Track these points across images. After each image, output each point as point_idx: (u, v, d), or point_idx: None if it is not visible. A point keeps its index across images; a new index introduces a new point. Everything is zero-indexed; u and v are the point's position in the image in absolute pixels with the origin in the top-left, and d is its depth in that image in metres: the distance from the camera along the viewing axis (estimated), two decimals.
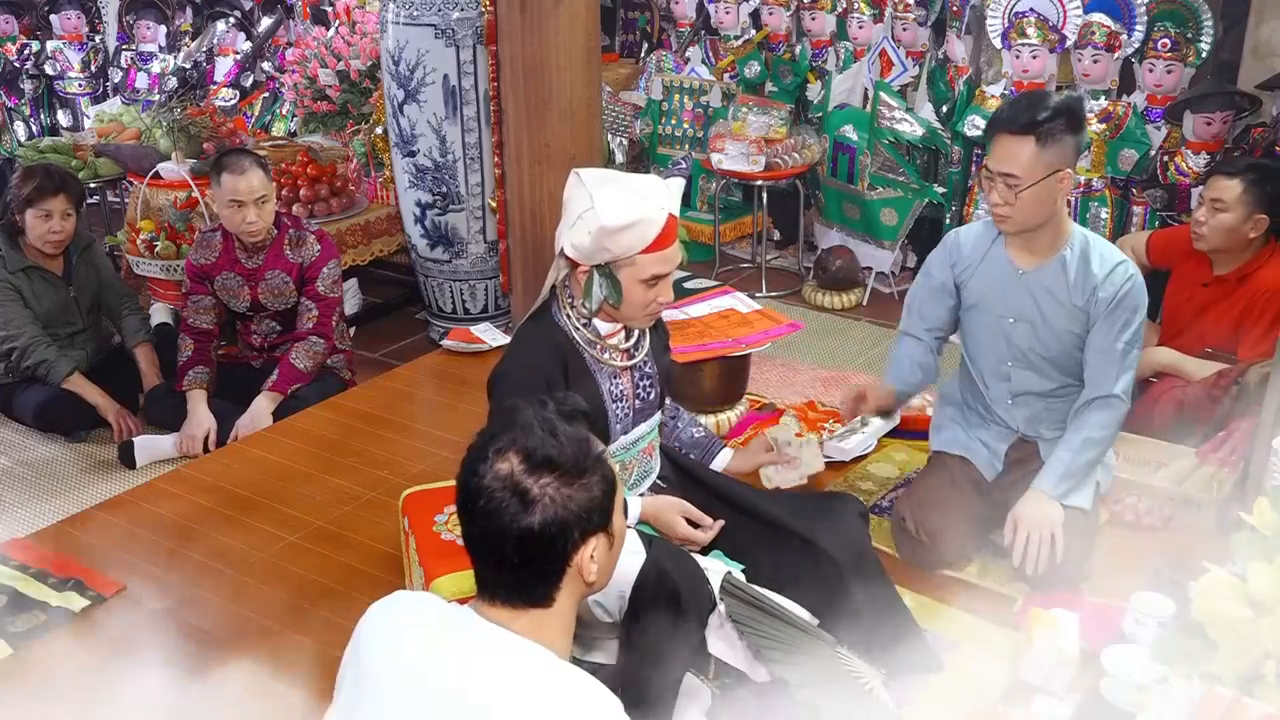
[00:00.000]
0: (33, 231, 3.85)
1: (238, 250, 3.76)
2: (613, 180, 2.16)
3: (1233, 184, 3.25)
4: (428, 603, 1.49)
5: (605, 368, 2.27)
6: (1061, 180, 2.52)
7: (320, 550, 2.83)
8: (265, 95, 6.23)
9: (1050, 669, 2.27)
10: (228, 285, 3.79)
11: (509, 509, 1.38)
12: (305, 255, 3.77)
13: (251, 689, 2.27)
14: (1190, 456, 3.04)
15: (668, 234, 2.17)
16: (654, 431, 2.43)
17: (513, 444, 1.40)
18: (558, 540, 1.39)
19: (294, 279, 3.79)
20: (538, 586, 1.42)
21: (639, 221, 2.11)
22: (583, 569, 1.43)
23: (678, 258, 2.23)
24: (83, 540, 2.89)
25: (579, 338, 2.25)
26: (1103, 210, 4.30)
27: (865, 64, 5.08)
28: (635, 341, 2.35)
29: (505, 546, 1.39)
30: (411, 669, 1.38)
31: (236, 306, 3.83)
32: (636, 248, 2.14)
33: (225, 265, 3.77)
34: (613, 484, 1.45)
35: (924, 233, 4.96)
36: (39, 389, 3.84)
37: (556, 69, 3.61)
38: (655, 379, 2.38)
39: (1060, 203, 2.57)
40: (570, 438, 1.42)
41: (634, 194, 2.13)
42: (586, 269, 2.18)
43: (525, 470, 1.38)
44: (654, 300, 2.22)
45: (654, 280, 2.19)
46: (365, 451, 3.32)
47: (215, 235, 3.80)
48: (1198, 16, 4.10)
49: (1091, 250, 2.60)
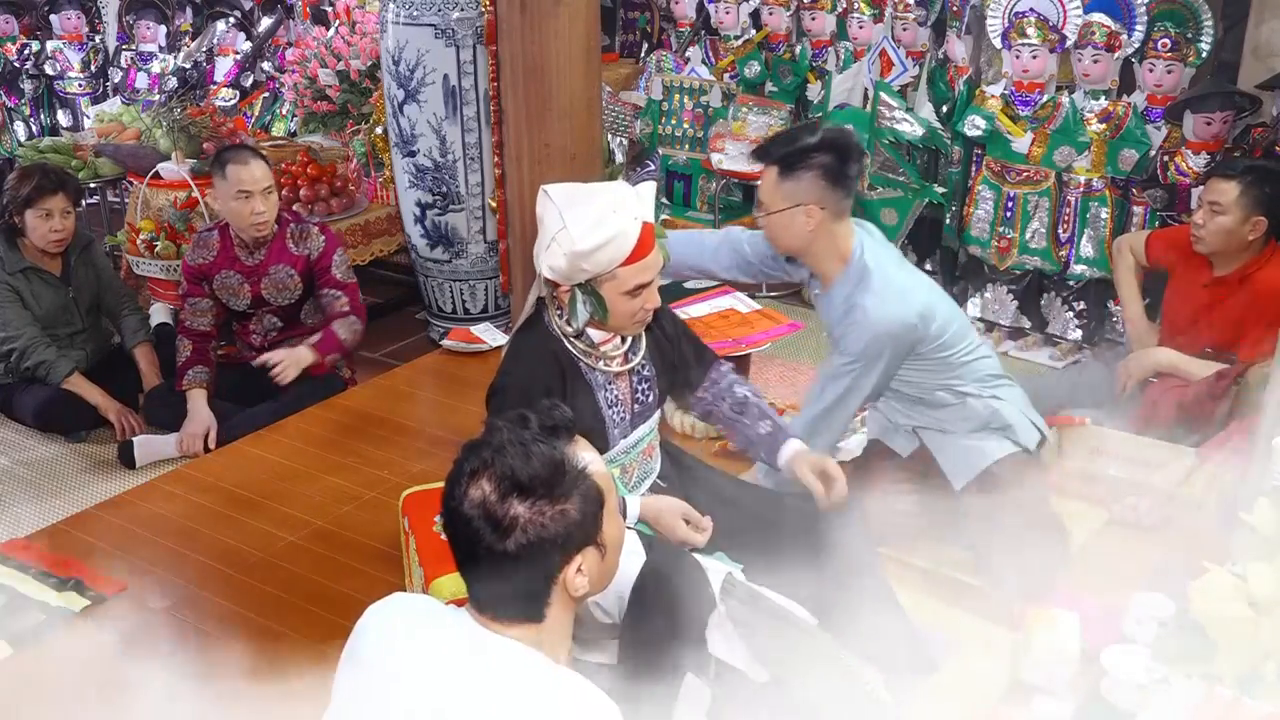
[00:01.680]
0: (34, 232, 3.84)
1: (237, 248, 3.75)
2: (582, 197, 2.12)
3: (1230, 186, 3.25)
4: (424, 605, 1.49)
5: (601, 375, 2.26)
6: (808, 215, 2.50)
7: (320, 550, 2.83)
8: (265, 95, 6.23)
9: (1050, 669, 2.27)
10: (228, 284, 3.77)
11: (484, 535, 1.37)
12: (312, 247, 3.77)
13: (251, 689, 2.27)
14: (1190, 456, 3.04)
15: (645, 243, 2.14)
16: (653, 433, 2.42)
17: (485, 467, 1.38)
18: (537, 563, 1.38)
19: (300, 271, 3.78)
20: (525, 604, 1.41)
21: (613, 238, 2.08)
22: (569, 585, 1.41)
23: (659, 263, 2.20)
24: (83, 540, 2.89)
25: (573, 348, 2.23)
26: (1103, 210, 4.30)
27: (865, 64, 5.08)
28: (631, 345, 2.33)
29: (487, 568, 1.39)
30: (408, 671, 1.38)
31: (237, 305, 3.82)
32: (615, 262, 2.11)
33: (224, 264, 3.76)
34: (597, 500, 1.43)
35: (924, 233, 4.96)
36: (39, 389, 3.84)
37: (556, 69, 3.60)
38: (654, 381, 2.37)
39: (815, 239, 2.54)
40: (544, 460, 1.38)
41: (605, 209, 2.09)
42: (568, 288, 2.16)
43: (497, 497, 1.37)
44: (640, 308, 2.19)
45: (637, 290, 2.16)
46: (365, 451, 3.32)
47: (212, 235, 3.79)
48: (1198, 16, 4.10)
49: (864, 295, 2.53)
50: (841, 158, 2.49)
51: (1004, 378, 2.77)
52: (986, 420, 2.68)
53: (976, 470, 2.67)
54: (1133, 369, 3.46)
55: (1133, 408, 3.41)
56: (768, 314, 3.54)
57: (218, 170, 3.64)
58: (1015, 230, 4.47)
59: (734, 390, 2.48)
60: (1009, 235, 4.49)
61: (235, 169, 3.59)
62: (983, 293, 4.68)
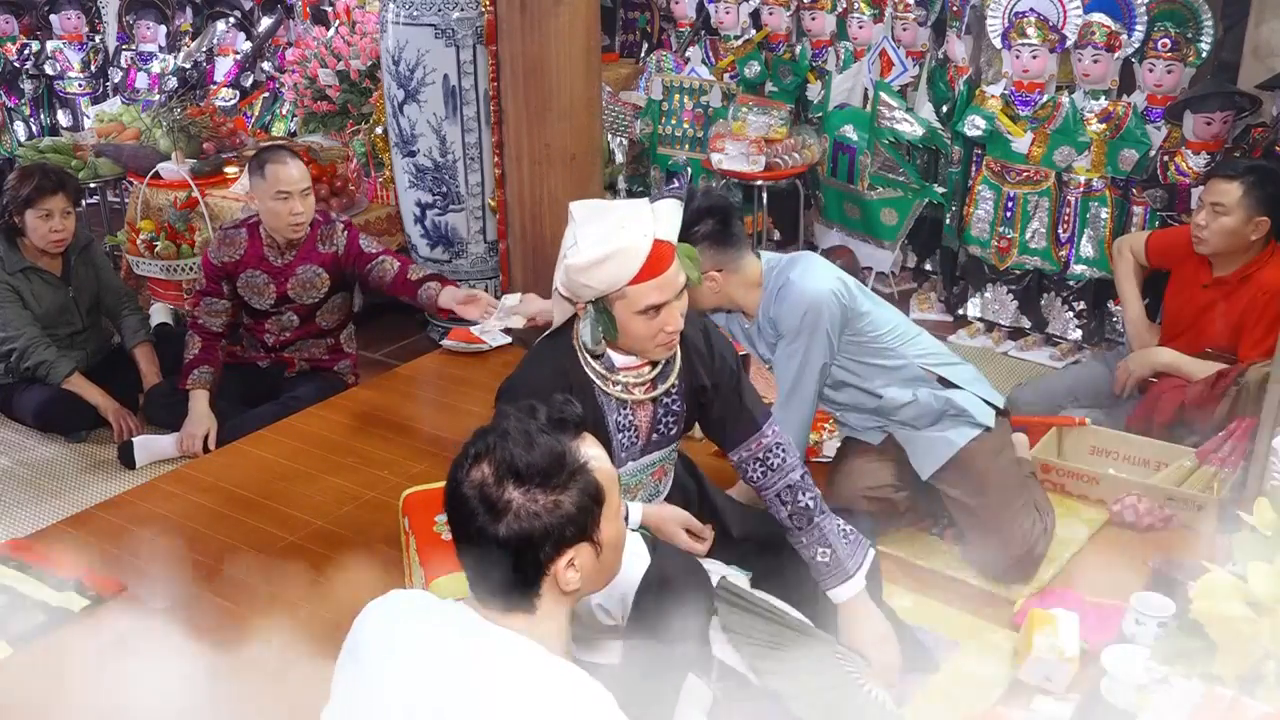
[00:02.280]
0: (35, 232, 3.84)
1: (267, 248, 3.70)
2: (598, 214, 2.06)
3: (1232, 187, 3.24)
4: (423, 600, 1.49)
5: (616, 399, 2.21)
6: (713, 281, 2.60)
7: (320, 550, 2.83)
8: (265, 95, 6.23)
9: (1050, 669, 2.27)
10: (253, 283, 3.72)
11: (478, 517, 1.39)
12: (338, 244, 3.74)
13: (251, 688, 2.27)
14: (1190, 456, 3.04)
15: (657, 260, 2.04)
16: (668, 459, 2.38)
17: (488, 451, 1.40)
18: (526, 552, 1.39)
19: (328, 268, 3.74)
20: (517, 593, 1.42)
21: (614, 254, 2.00)
22: (560, 578, 1.42)
23: (678, 283, 2.10)
24: (83, 540, 2.88)
25: (587, 367, 2.19)
26: (1103, 210, 4.30)
27: (865, 64, 5.08)
28: (660, 372, 2.24)
29: (480, 552, 1.41)
30: (406, 665, 1.39)
31: (260, 304, 3.77)
32: (622, 280, 2.03)
33: (252, 263, 3.71)
34: (594, 496, 1.43)
35: (924, 233, 4.96)
36: (39, 389, 3.84)
37: (556, 69, 3.60)
38: (680, 416, 2.29)
39: (726, 291, 2.66)
40: (545, 450, 1.40)
41: (614, 225, 2.02)
42: (582, 305, 2.13)
43: (495, 480, 1.39)
44: (660, 330, 2.10)
45: (653, 310, 2.08)
46: (365, 451, 3.32)
47: (240, 233, 3.72)
48: (1198, 16, 4.10)
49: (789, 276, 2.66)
50: (721, 219, 2.57)
51: (950, 357, 2.82)
52: (941, 411, 2.73)
53: (942, 460, 2.73)
54: (1133, 369, 3.46)
55: (1133, 408, 3.41)
56: None
57: (256, 170, 3.60)
58: (1015, 230, 4.47)
59: (797, 498, 2.25)
60: (1009, 235, 4.49)
61: (274, 168, 3.55)
62: (983, 293, 4.68)
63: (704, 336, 2.32)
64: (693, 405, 2.30)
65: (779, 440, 2.28)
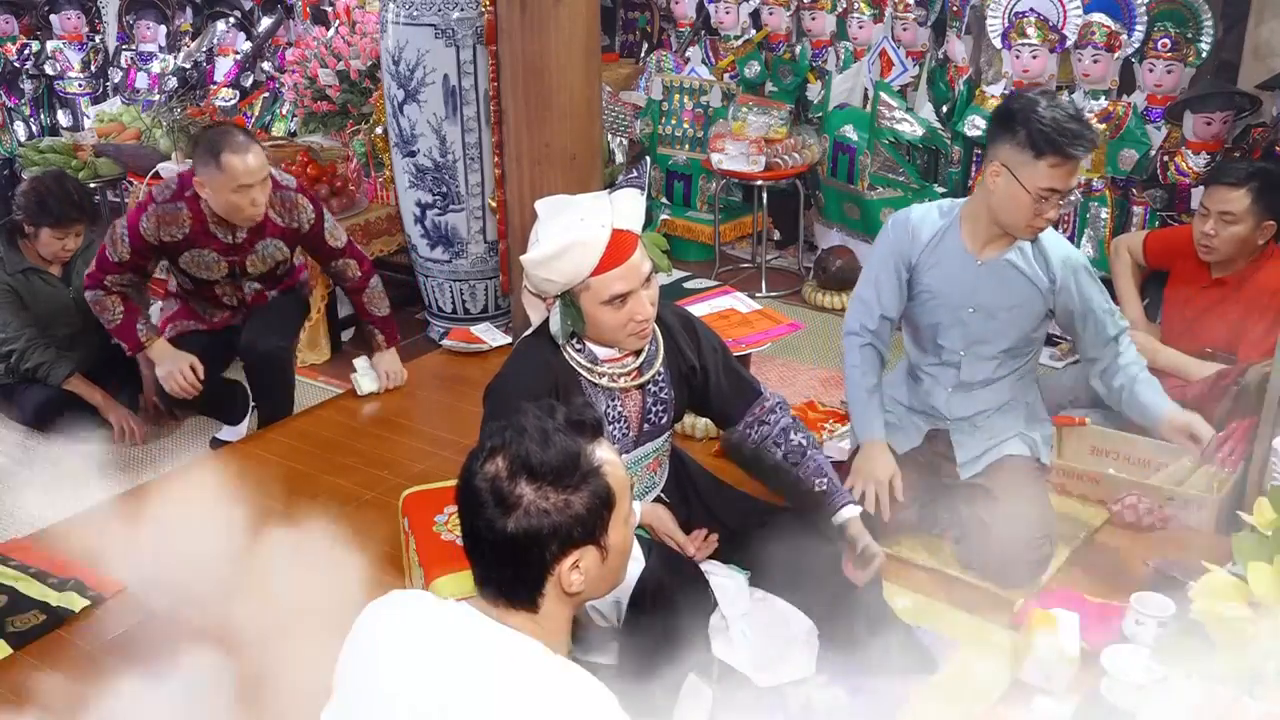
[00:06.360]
0: (44, 246, 3.85)
1: (213, 226, 3.41)
2: (558, 210, 2.09)
3: (1239, 195, 3.23)
4: (424, 600, 1.49)
5: (602, 390, 2.22)
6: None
7: (320, 550, 2.83)
8: (265, 95, 6.23)
9: (1050, 669, 2.27)
10: (202, 260, 3.48)
11: (488, 510, 1.39)
12: (301, 220, 3.50)
13: (251, 688, 2.27)
14: (1190, 456, 3.04)
15: (618, 250, 2.06)
16: (662, 449, 2.39)
17: (504, 446, 1.41)
18: (532, 549, 1.39)
19: (288, 242, 3.57)
20: (521, 590, 1.42)
21: (570, 247, 2.03)
22: (563, 579, 1.42)
23: (643, 271, 2.11)
24: (83, 540, 2.88)
25: (572, 360, 2.20)
26: (1103, 210, 4.29)
27: (865, 64, 5.08)
28: (644, 360, 2.26)
29: (488, 546, 1.41)
30: (408, 665, 1.39)
31: (207, 276, 3.55)
32: (583, 272, 2.06)
33: (199, 242, 3.44)
34: (604, 500, 1.43)
35: None
36: (39, 389, 3.84)
37: (556, 69, 3.60)
38: (670, 404, 2.31)
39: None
40: (561, 449, 1.40)
41: (573, 219, 2.05)
42: (550, 301, 2.15)
43: (508, 474, 1.39)
44: (629, 319, 2.12)
45: (619, 300, 2.09)
46: (365, 451, 3.32)
47: (179, 209, 3.38)
48: (1198, 16, 4.10)
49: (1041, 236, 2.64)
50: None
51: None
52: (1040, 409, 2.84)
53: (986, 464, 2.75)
54: None
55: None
56: (768, 314, 3.53)
57: (208, 158, 3.24)
58: None
59: (790, 437, 2.36)
60: None
61: (233, 159, 3.21)
62: None
63: (684, 320, 2.36)
64: (682, 390, 2.32)
65: (779, 400, 2.41)
